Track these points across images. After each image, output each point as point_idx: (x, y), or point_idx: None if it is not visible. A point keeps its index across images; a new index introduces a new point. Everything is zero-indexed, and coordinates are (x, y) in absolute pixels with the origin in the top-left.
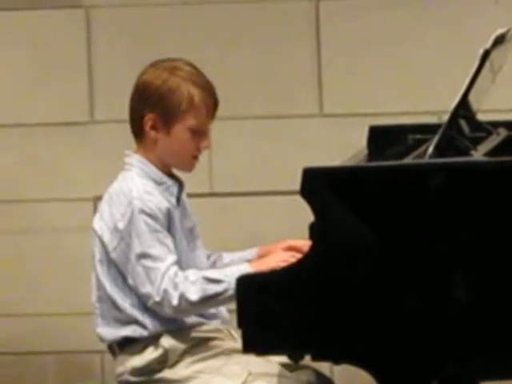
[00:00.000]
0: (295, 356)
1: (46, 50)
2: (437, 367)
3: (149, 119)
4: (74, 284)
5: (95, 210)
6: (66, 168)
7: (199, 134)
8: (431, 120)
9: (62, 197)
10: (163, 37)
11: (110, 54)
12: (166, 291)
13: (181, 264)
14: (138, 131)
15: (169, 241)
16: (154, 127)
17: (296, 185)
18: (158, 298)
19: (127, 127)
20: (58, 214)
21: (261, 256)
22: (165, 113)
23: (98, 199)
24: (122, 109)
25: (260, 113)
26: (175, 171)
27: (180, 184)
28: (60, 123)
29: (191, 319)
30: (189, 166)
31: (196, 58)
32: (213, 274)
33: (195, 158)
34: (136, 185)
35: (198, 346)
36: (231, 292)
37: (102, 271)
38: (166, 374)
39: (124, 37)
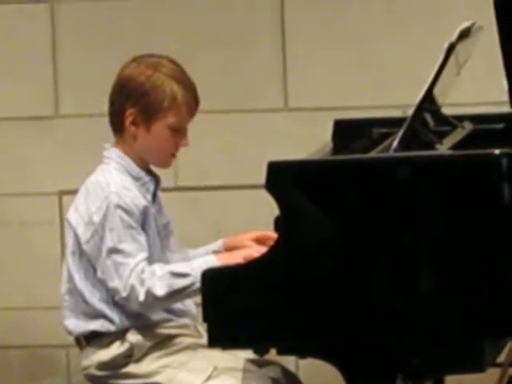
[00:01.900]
0: (260, 350)
1: (11, 44)
2: (402, 361)
3: (129, 114)
4: (40, 278)
5: (60, 204)
6: (31, 162)
7: (179, 132)
8: (396, 114)
9: (27, 191)
10: (128, 31)
11: (75, 48)
12: (132, 287)
13: (153, 261)
14: (117, 125)
15: (142, 238)
16: (134, 123)
17: (261, 179)
18: (124, 294)
19: (92, 121)
20: (24, 208)
21: (228, 247)
22: (146, 109)
23: (63, 193)
24: (88, 103)
25: (225, 107)
26: (152, 167)
27: (156, 180)
28: (25, 117)
29: (159, 315)
30: (166, 163)
31: (161, 51)
32: (179, 268)
33: (173, 155)
34: (114, 179)
35: (164, 341)
36: (198, 285)
37: (73, 263)
38: (132, 368)
39: (89, 31)
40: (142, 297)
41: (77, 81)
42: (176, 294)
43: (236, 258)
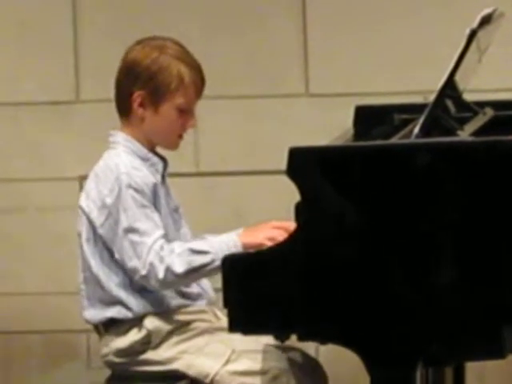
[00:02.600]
0: (281, 336)
1: (31, 29)
2: (423, 347)
3: (137, 97)
4: (60, 263)
5: (81, 189)
6: (51, 147)
7: (186, 112)
8: (417, 100)
9: (47, 176)
10: (149, 16)
11: (96, 33)
12: (152, 264)
13: (168, 240)
14: (124, 108)
15: (156, 216)
16: (142, 105)
17: (282, 164)
18: (144, 272)
19: (113, 106)
20: (44, 194)
21: None
22: (154, 91)
23: (83, 178)
24: (108, 88)
25: (246, 92)
26: (159, 149)
27: (165, 162)
28: (45, 102)
29: (176, 301)
30: (174, 144)
31: (181, 36)
32: (199, 245)
33: (180, 136)
34: (123, 161)
35: (181, 327)
36: (218, 263)
37: (88, 250)
38: (150, 355)
39: (110, 16)
40: (161, 274)
41: (97, 66)
42: (195, 272)
43: (257, 237)
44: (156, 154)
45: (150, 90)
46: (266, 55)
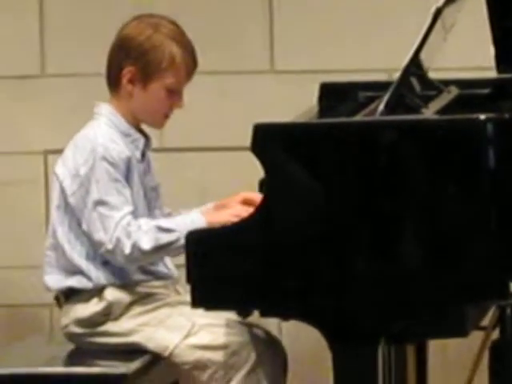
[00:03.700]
0: (243, 312)
1: None
2: (385, 325)
3: (127, 72)
4: (23, 237)
5: (45, 163)
6: (16, 121)
7: (174, 93)
8: (382, 77)
9: (12, 150)
10: None
11: (62, 5)
12: (118, 239)
13: (137, 216)
14: (113, 82)
15: (127, 191)
16: (131, 81)
17: (247, 141)
18: (110, 246)
19: (78, 81)
20: (9, 167)
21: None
22: (144, 68)
23: (48, 152)
24: (74, 62)
25: (212, 68)
26: (143, 127)
27: (147, 139)
28: (11, 76)
29: (138, 276)
30: (159, 123)
31: (148, 11)
32: (165, 223)
33: (166, 116)
34: (102, 132)
35: (142, 299)
36: (183, 241)
37: (57, 217)
38: (110, 326)
39: None
40: (127, 250)
41: (63, 40)
42: (161, 249)
43: (222, 215)
44: (139, 130)
45: (141, 67)
46: (231, 31)
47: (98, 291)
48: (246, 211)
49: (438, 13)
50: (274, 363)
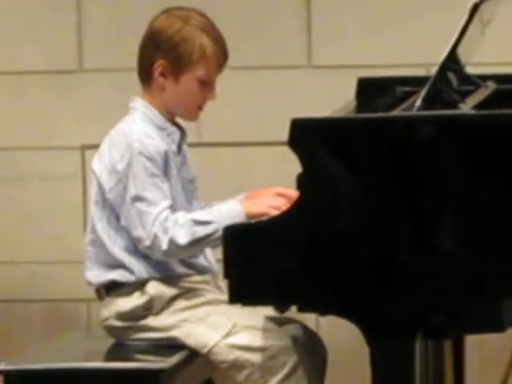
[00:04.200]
0: (281, 307)
1: None
2: (422, 319)
3: (159, 65)
4: (62, 232)
5: (83, 158)
6: (54, 116)
7: (207, 85)
8: (420, 72)
9: (50, 145)
10: None
11: (99, 2)
12: (155, 235)
13: (176, 209)
14: (145, 77)
15: (165, 186)
16: (163, 74)
17: (284, 135)
18: (148, 242)
19: (116, 76)
20: (47, 162)
21: None
22: (176, 61)
23: (85, 148)
24: (111, 58)
25: (249, 63)
26: (178, 120)
27: (182, 132)
28: (48, 71)
29: (180, 269)
30: (193, 115)
31: (184, 5)
32: (201, 215)
33: (200, 108)
34: (137, 127)
35: (184, 295)
36: (221, 233)
37: (96, 212)
38: (151, 321)
39: None
40: (165, 245)
41: (101, 35)
42: (199, 242)
43: (261, 206)
44: (174, 123)
45: (172, 60)
46: (269, 26)
47: (140, 285)
48: (284, 204)
49: (475, 8)
50: (313, 366)
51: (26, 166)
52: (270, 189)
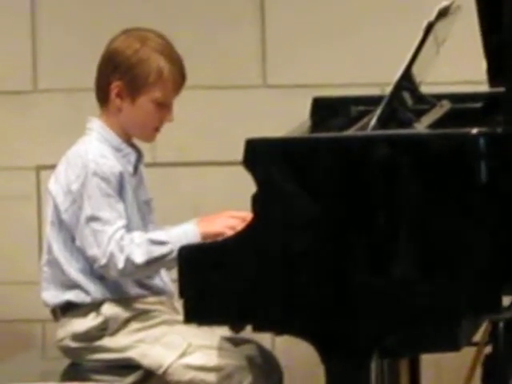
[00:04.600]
0: (236, 327)
1: None
2: (378, 339)
3: (115, 87)
4: (17, 253)
5: (38, 178)
6: (9, 137)
7: (163, 107)
8: (374, 92)
9: (5, 165)
10: (108, 6)
11: (54, 22)
12: (112, 254)
13: (131, 230)
14: (103, 97)
15: (120, 206)
16: (119, 95)
17: (240, 155)
18: (104, 261)
19: (71, 96)
20: (2, 182)
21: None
22: (132, 82)
23: (40, 168)
24: (66, 78)
25: (204, 83)
26: (135, 141)
27: (139, 153)
28: (3, 92)
29: (135, 290)
30: (149, 137)
31: (140, 25)
32: (158, 235)
33: (157, 130)
34: (93, 148)
35: (139, 316)
36: (176, 253)
37: (52, 233)
38: (106, 342)
39: (69, 5)
40: (121, 264)
41: (55, 56)
42: (155, 262)
43: (216, 226)
44: (131, 144)
45: (128, 81)
46: (224, 46)
47: (95, 306)
48: (239, 224)
49: (430, 27)
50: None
51: None
52: (223, 212)
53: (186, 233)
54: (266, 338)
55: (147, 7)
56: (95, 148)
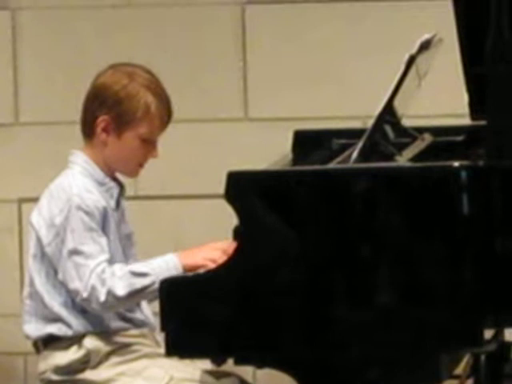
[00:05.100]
0: (217, 360)
1: None
2: (359, 371)
3: (102, 121)
4: None
5: (20, 211)
6: None
7: (149, 143)
8: (356, 125)
9: None
10: (90, 39)
11: (35, 55)
12: (93, 287)
13: (113, 263)
14: (88, 131)
15: (103, 240)
16: (105, 130)
17: (221, 188)
18: (85, 294)
19: (52, 129)
20: None
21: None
22: (119, 117)
23: (22, 201)
24: (48, 111)
25: (185, 116)
26: (117, 174)
27: (121, 187)
28: None
29: (116, 323)
30: (133, 172)
31: (124, 60)
32: (139, 267)
33: (141, 165)
34: (77, 182)
35: (121, 348)
36: (158, 285)
37: (34, 266)
38: (88, 374)
39: (50, 39)
40: (102, 297)
41: (37, 89)
42: (136, 294)
43: (197, 258)
44: (114, 178)
45: (115, 116)
46: (205, 80)
47: (77, 339)
48: (220, 257)
49: (411, 60)
50: None
51: None
52: (205, 245)
53: (168, 264)
54: (247, 371)
55: (128, 41)
56: (79, 182)
